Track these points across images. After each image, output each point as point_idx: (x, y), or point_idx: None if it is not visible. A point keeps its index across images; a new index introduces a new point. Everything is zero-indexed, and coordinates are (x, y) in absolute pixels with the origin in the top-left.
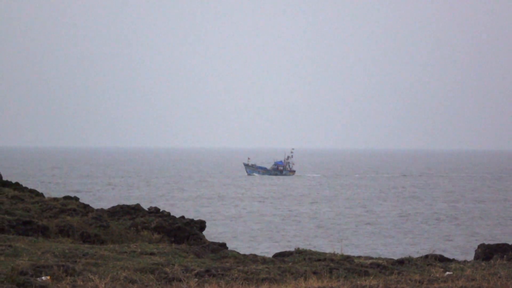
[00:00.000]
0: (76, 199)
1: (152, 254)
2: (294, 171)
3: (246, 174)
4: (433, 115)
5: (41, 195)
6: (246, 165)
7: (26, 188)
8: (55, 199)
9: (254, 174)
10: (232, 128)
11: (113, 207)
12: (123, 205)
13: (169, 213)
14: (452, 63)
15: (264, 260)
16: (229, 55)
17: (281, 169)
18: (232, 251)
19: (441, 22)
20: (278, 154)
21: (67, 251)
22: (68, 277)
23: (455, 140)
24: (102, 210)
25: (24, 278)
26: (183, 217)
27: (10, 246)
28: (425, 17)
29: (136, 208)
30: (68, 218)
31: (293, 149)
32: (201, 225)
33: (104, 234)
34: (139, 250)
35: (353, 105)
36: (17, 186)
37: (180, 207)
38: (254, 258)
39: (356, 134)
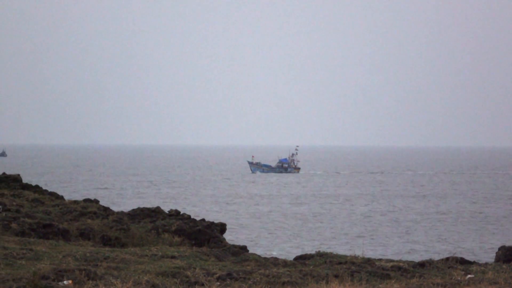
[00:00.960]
0: (96, 201)
1: (173, 257)
2: (299, 169)
3: (250, 172)
4: (434, 113)
5: (61, 198)
6: (251, 163)
7: (46, 190)
8: (75, 202)
9: (259, 172)
10: (235, 126)
11: (133, 209)
12: (144, 207)
13: (189, 216)
14: (452, 60)
15: (285, 263)
16: (232, 52)
17: (285, 166)
18: (253, 254)
19: (440, 19)
20: (283, 152)
21: (88, 254)
22: (90, 281)
23: (456, 137)
24: (122, 213)
25: (46, 282)
26: (203, 219)
27: (31, 249)
28: (424, 14)
29: (157, 211)
30: (89, 221)
31: (297, 146)
32: (222, 227)
33: (125, 237)
34: (160, 253)
35: (354, 103)
36: (37, 188)
37: (194, 207)
38: (275, 261)
39: (359, 132)
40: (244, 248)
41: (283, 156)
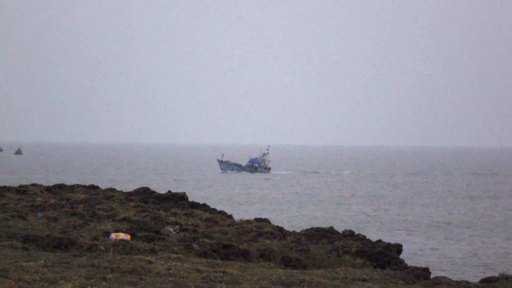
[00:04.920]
0: (268, 221)
1: (364, 280)
2: (269, 169)
3: (220, 171)
4: (432, 113)
5: (231, 216)
6: (220, 162)
7: (214, 209)
8: (248, 221)
9: (228, 171)
10: (212, 125)
11: (307, 229)
12: (318, 227)
13: (364, 236)
14: (452, 60)
15: (477, 287)
16: (230, 52)
17: (256, 166)
18: (443, 277)
19: (441, 19)
20: (254, 151)
21: (283, 277)
22: None
23: (455, 137)
24: (298, 233)
25: None
26: (380, 240)
27: (224, 272)
28: (425, 14)
29: (331, 231)
30: (267, 241)
31: (268, 146)
32: (398, 248)
33: (306, 258)
34: (350, 276)
35: (349, 102)
36: (205, 207)
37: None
38: (467, 285)
39: (358, 132)
40: (426, 270)
41: (254, 155)
